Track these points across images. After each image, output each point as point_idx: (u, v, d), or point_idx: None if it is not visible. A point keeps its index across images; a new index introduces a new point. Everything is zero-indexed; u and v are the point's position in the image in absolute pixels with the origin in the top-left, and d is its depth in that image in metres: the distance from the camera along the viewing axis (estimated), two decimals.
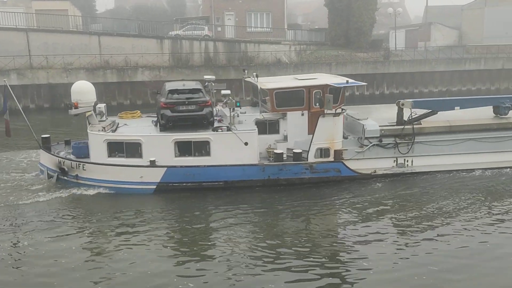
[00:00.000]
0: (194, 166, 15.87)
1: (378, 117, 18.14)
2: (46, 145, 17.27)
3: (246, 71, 19.74)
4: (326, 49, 43.65)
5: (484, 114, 18.42)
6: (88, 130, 16.28)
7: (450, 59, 40.95)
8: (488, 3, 52.47)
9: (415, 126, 17.29)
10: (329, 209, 14.92)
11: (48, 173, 16.70)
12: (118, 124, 17.21)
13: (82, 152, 16.65)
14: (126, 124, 17.27)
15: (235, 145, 15.86)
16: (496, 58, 41.35)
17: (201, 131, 16.09)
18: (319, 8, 66.35)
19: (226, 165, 15.93)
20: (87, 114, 16.17)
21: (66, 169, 16.32)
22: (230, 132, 15.96)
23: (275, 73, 38.08)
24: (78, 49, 36.36)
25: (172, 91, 16.33)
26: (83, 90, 16.11)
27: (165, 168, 15.76)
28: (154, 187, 15.89)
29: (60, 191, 15.93)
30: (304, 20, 76.84)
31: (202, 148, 15.96)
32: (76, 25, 42.56)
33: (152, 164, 15.71)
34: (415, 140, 17.21)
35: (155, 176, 15.82)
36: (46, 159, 17.00)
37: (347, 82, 16.96)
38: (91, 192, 15.85)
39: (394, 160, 17.37)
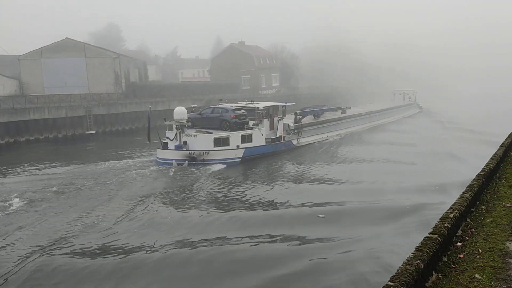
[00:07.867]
0: (254, 147, 31.23)
1: (286, 121, 35.72)
2: (165, 146, 30.00)
3: (221, 100, 40.41)
4: None
5: (310, 118, 41.08)
6: (195, 133, 29.92)
7: (14, 109, 39.86)
8: (44, 54, 54.36)
9: (301, 123, 37.23)
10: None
11: (177, 163, 28.51)
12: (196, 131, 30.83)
13: (181, 147, 29.68)
14: (201, 130, 30.65)
15: (259, 135, 31.85)
16: (60, 107, 43.38)
17: (243, 130, 31.21)
18: None
19: (261, 145, 32.02)
20: (187, 124, 30.24)
21: (196, 156, 28.86)
22: (257, 129, 31.91)
23: None
24: None
25: (235, 109, 31.65)
26: (185, 111, 30.22)
27: (244, 149, 30.39)
28: (240, 159, 30.21)
29: (196, 170, 27.70)
30: None
31: (248, 138, 31.04)
32: None
33: (238, 147, 30.24)
34: (302, 130, 36.85)
35: (241, 153, 30.26)
36: (173, 154, 29.09)
37: (286, 103, 37.87)
38: (216, 167, 28.42)
39: (297, 140, 36.07)
